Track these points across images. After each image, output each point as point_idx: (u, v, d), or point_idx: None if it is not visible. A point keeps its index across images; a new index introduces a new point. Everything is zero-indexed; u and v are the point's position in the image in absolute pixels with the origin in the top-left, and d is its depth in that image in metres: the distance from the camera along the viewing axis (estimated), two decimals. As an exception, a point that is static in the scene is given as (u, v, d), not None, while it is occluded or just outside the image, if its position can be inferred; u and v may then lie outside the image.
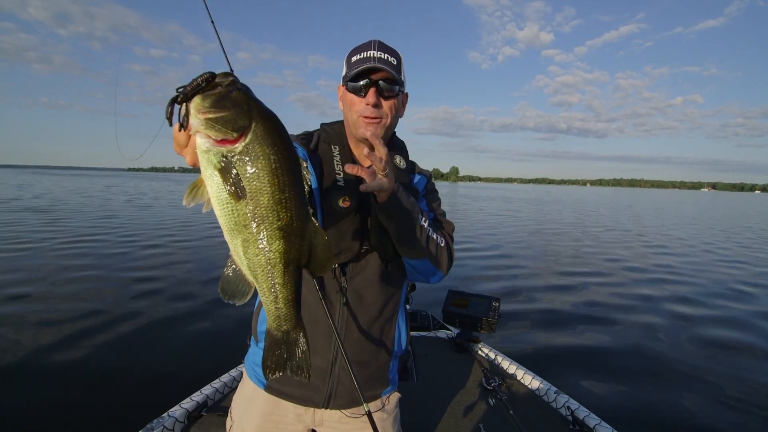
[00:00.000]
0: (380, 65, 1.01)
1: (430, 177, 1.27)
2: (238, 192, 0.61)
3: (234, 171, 0.60)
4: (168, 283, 6.17)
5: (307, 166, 0.69)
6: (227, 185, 0.61)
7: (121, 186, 41.60)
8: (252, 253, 0.66)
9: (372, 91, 1.02)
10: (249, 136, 0.60)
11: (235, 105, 0.59)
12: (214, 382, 2.38)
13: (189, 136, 0.63)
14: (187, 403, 2.14)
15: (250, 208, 0.62)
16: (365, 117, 1.04)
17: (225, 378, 2.44)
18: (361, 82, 1.03)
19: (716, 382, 3.74)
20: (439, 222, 1.18)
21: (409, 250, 1.02)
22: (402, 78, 1.07)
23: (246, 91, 0.61)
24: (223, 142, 0.59)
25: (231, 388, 2.42)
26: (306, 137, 1.15)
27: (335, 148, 1.10)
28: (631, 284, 7.30)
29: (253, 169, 0.60)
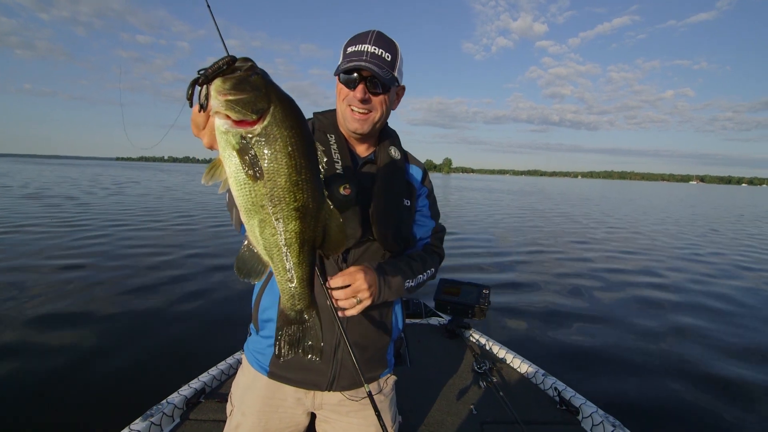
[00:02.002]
0: (369, 65, 1.01)
1: (425, 171, 1.28)
2: (255, 173, 0.62)
3: (252, 152, 0.62)
4: (165, 271, 6.17)
5: (323, 150, 0.70)
6: (245, 166, 0.62)
7: (126, 175, 40.94)
8: (268, 233, 0.67)
9: (361, 86, 1.03)
10: (267, 119, 0.61)
11: (255, 88, 0.60)
12: (211, 369, 2.41)
13: (208, 118, 0.64)
14: (186, 390, 2.16)
15: (267, 188, 0.64)
16: (353, 110, 1.06)
17: (222, 365, 2.47)
18: (352, 76, 1.04)
19: (698, 363, 3.90)
20: (434, 231, 1.29)
21: (408, 295, 1.16)
22: (395, 74, 1.07)
23: (264, 75, 0.63)
24: (242, 123, 0.61)
25: (228, 375, 2.46)
26: None
27: (331, 137, 1.12)
28: (617, 271, 7.52)
29: (271, 151, 0.62)
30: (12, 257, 6.62)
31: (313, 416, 1.25)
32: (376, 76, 1.02)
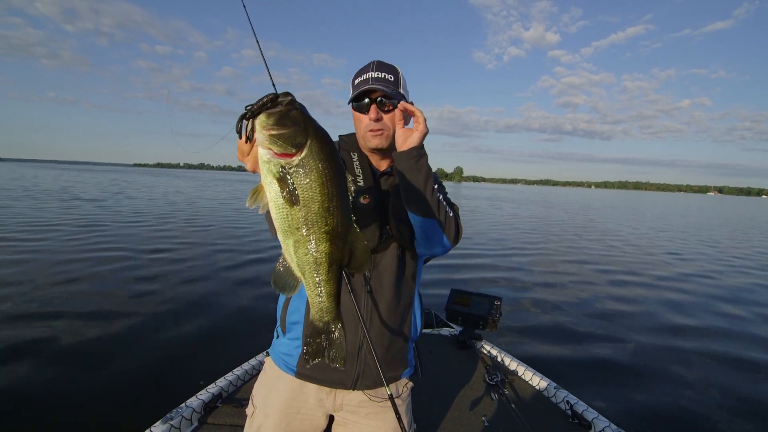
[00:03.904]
0: (376, 86, 1.15)
1: (435, 174, 1.39)
2: (292, 199, 0.70)
3: (290, 180, 0.69)
4: (182, 277, 6.31)
5: (351, 179, 0.78)
6: (283, 192, 0.70)
7: (157, 182, 41.93)
8: (302, 252, 0.75)
9: (373, 108, 1.18)
10: (305, 151, 0.69)
11: (295, 123, 0.68)
12: (227, 374, 2.47)
13: (252, 147, 0.73)
14: (203, 395, 2.22)
15: (302, 213, 0.71)
16: (371, 131, 1.19)
17: (238, 371, 2.52)
18: (364, 102, 1.19)
19: (710, 378, 3.82)
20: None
21: (419, 206, 1.10)
22: (401, 91, 1.20)
23: (303, 110, 0.70)
24: (282, 155, 0.68)
25: (244, 381, 2.51)
26: None
27: (354, 155, 1.26)
28: (631, 285, 7.39)
29: (307, 180, 0.69)
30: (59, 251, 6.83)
31: (330, 419, 1.29)
32: (384, 92, 1.16)
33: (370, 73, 1.18)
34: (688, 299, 6.68)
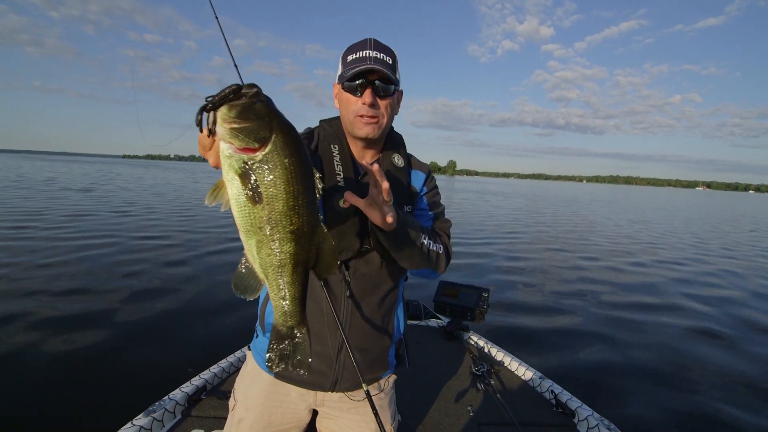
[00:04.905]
0: (377, 66, 1.03)
1: (429, 172, 1.27)
2: (255, 196, 0.66)
3: (253, 177, 0.66)
4: (168, 271, 6.23)
5: (319, 176, 0.73)
6: (246, 189, 0.66)
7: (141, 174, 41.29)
8: (264, 253, 0.71)
9: (368, 91, 1.04)
10: (269, 147, 0.65)
11: (258, 117, 0.64)
12: (213, 366, 2.44)
13: (214, 141, 0.68)
14: (187, 387, 2.19)
15: (266, 212, 0.68)
16: (362, 116, 1.06)
17: (224, 363, 2.50)
18: (357, 82, 1.05)
19: (696, 369, 3.89)
20: (438, 221, 1.22)
21: (409, 263, 1.07)
22: (397, 77, 1.09)
23: (268, 102, 0.66)
24: (245, 150, 0.64)
25: (229, 373, 2.48)
26: (307, 136, 1.17)
27: (335, 148, 1.13)
28: (614, 275, 7.49)
29: (271, 177, 0.66)
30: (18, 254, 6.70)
31: (314, 413, 1.28)
32: (386, 76, 1.04)
33: (367, 51, 1.04)
34: (673, 288, 6.78)
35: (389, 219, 0.89)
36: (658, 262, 9.17)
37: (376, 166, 0.85)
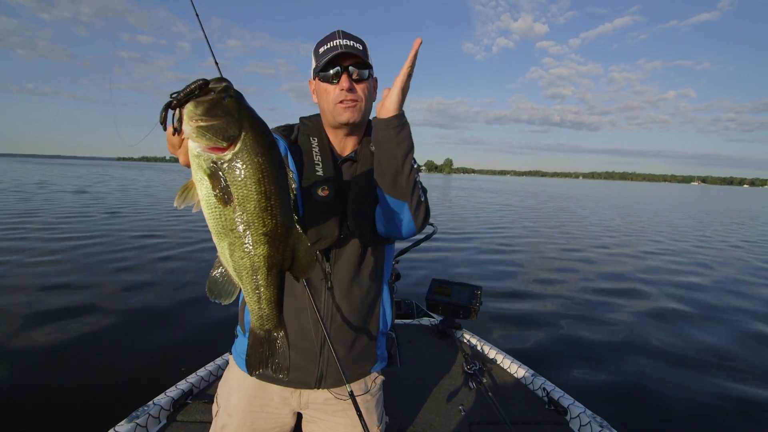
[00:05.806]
0: (348, 50, 1.05)
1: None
2: (225, 197, 0.63)
3: (223, 177, 0.63)
4: (153, 274, 6.16)
5: (292, 176, 0.71)
6: (216, 190, 0.63)
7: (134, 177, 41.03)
8: (238, 256, 0.69)
9: (344, 76, 1.06)
10: (238, 145, 0.62)
11: (227, 114, 0.60)
12: (199, 370, 2.40)
13: (182, 139, 0.65)
14: (173, 392, 2.15)
15: (237, 213, 0.65)
16: (341, 102, 1.07)
17: (210, 367, 2.46)
18: (332, 71, 1.07)
19: (689, 364, 3.89)
20: None
21: (393, 184, 1.01)
22: (370, 62, 1.11)
23: (238, 98, 0.62)
24: (213, 149, 0.61)
25: (216, 377, 2.44)
26: (287, 129, 1.19)
27: (314, 140, 1.15)
28: (609, 270, 7.52)
29: (241, 177, 0.63)
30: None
31: (299, 416, 1.25)
32: (360, 60, 1.07)
33: (338, 41, 1.07)
34: (668, 287, 6.80)
35: (396, 91, 0.95)
36: (658, 262, 9.11)
37: (419, 40, 0.94)
